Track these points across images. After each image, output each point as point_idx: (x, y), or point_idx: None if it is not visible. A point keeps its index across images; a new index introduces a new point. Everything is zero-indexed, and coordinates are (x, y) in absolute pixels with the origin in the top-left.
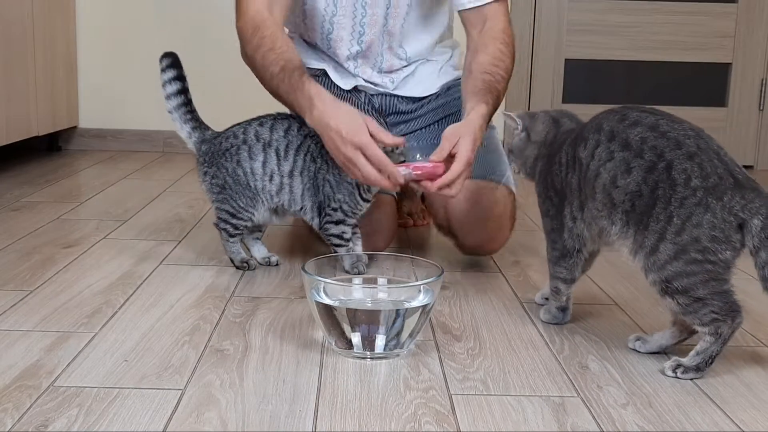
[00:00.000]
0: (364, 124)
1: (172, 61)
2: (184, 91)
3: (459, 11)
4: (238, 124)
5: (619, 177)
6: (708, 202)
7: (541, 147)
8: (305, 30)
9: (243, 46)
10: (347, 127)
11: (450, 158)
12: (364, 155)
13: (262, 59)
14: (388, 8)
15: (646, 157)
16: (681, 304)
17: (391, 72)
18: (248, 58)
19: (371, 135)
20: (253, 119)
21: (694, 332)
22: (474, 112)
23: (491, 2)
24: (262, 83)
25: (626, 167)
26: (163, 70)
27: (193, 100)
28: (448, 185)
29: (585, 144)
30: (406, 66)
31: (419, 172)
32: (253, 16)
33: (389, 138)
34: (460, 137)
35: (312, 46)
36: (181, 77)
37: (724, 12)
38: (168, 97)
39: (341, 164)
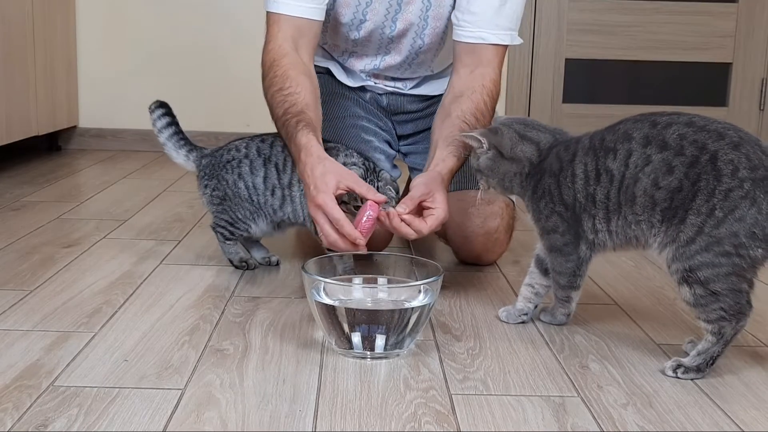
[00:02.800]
0: (331, 184)
1: (159, 103)
2: (173, 123)
3: (455, 41)
4: (241, 138)
5: (660, 178)
6: (755, 195)
7: (529, 165)
8: (327, 37)
9: (262, 81)
10: (314, 185)
11: (419, 208)
12: (325, 214)
13: (270, 99)
14: (415, 45)
15: (687, 153)
16: (696, 295)
17: (405, 80)
18: (263, 92)
19: (349, 188)
20: (256, 136)
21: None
22: (444, 164)
23: (491, 44)
24: (273, 122)
25: (667, 167)
26: (151, 112)
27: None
28: (416, 231)
29: (614, 155)
30: (422, 77)
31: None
32: (274, 49)
33: (370, 194)
34: (434, 192)
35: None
36: (169, 113)
37: (724, 12)
38: (160, 131)
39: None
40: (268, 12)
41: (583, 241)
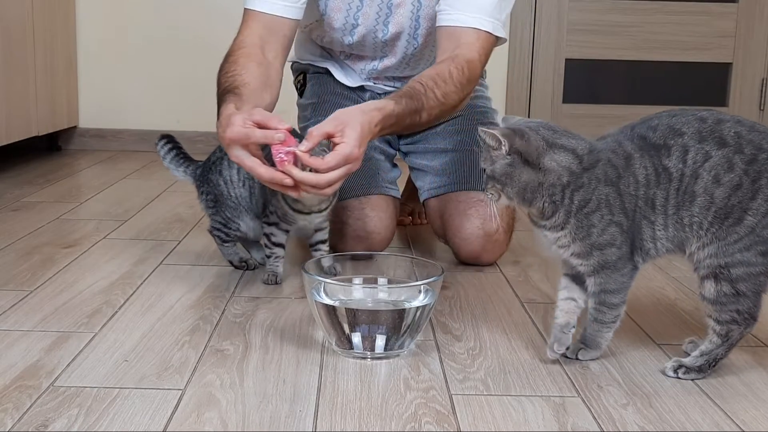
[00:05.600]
0: (237, 119)
1: (161, 136)
2: (175, 147)
3: (437, 27)
4: None
5: (722, 174)
6: None
7: (569, 175)
8: (324, 42)
9: None
10: (222, 128)
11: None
12: (240, 146)
13: (217, 83)
14: (410, 47)
15: (747, 151)
16: (720, 292)
17: (404, 78)
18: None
19: (256, 122)
20: None
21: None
22: (374, 103)
23: (470, 27)
24: None
25: (729, 164)
26: (156, 144)
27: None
28: (318, 179)
29: (668, 152)
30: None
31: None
32: (235, 44)
33: (273, 122)
34: (345, 125)
35: (319, 44)
36: (171, 141)
37: (724, 12)
38: (163, 158)
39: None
40: (244, 9)
41: (637, 251)
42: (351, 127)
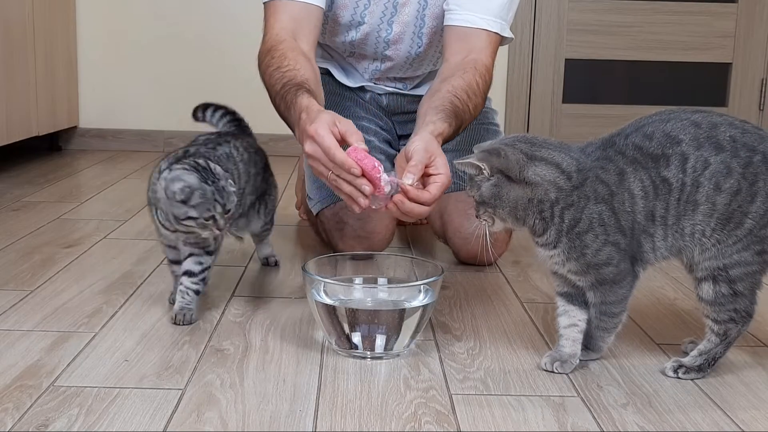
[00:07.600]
0: (326, 118)
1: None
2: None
3: (445, 27)
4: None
5: (722, 181)
6: None
7: (556, 190)
8: (326, 39)
9: (258, 69)
10: (309, 120)
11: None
12: (317, 143)
13: (268, 78)
14: (414, 46)
15: (742, 154)
16: (718, 293)
17: (406, 79)
18: (262, 80)
19: (341, 135)
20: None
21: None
22: (434, 126)
23: (481, 29)
24: (272, 104)
25: (727, 170)
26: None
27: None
28: (422, 210)
29: (666, 162)
30: (424, 75)
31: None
32: (271, 38)
33: (353, 139)
34: (435, 156)
35: (320, 43)
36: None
37: (724, 12)
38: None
39: (310, 165)
40: (265, 4)
41: (638, 263)
42: (440, 155)
